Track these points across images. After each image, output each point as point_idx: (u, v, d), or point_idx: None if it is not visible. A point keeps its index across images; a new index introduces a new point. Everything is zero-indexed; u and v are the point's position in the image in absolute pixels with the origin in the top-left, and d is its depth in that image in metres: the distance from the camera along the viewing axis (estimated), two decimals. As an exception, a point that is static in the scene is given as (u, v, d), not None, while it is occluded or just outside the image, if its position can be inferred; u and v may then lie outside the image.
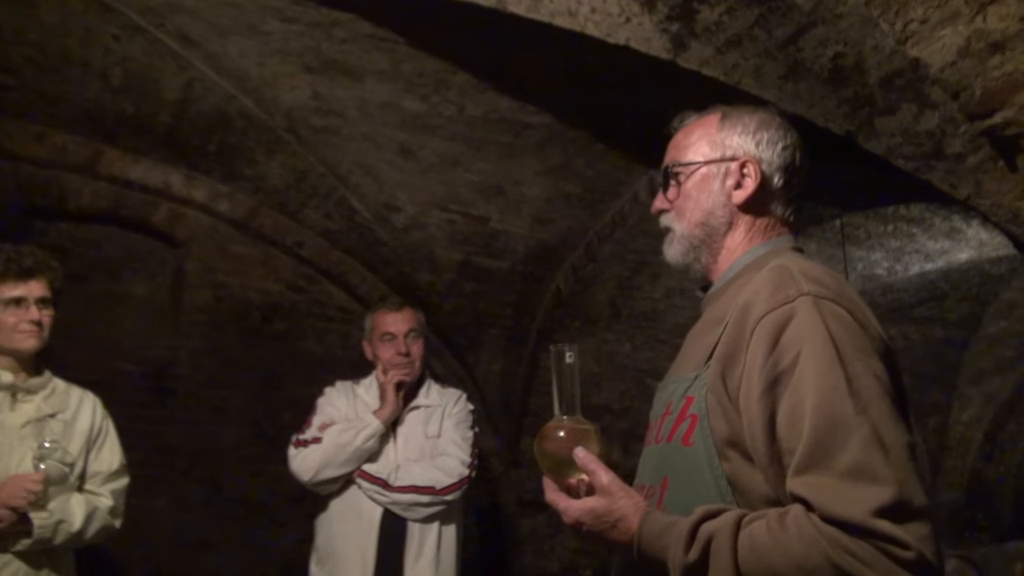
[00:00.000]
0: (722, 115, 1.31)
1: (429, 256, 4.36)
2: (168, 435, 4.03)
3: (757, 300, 1.09)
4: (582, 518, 1.12)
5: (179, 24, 2.92)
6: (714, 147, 1.28)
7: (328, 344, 4.57)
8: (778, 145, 1.27)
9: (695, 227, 1.28)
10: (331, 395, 2.79)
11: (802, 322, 1.03)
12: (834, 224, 4.44)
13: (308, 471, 2.57)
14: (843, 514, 0.92)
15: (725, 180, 1.26)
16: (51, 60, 3.20)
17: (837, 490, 0.94)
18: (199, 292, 4.23)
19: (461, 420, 2.77)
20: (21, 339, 2.05)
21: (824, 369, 0.99)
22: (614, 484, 1.12)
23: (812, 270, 1.11)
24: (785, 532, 0.95)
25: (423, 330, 2.83)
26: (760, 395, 1.03)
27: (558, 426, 1.20)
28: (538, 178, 3.90)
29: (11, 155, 3.75)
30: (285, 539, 4.20)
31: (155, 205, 4.11)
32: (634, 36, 2.26)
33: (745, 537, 0.98)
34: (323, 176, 3.91)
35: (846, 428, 0.96)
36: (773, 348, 1.03)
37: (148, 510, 3.90)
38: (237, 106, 3.43)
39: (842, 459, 0.95)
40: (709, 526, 1.01)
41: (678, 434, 1.15)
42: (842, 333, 1.02)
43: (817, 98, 2.21)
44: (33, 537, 1.96)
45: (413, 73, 3.10)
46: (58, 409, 2.14)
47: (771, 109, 1.34)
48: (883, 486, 0.93)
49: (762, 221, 1.27)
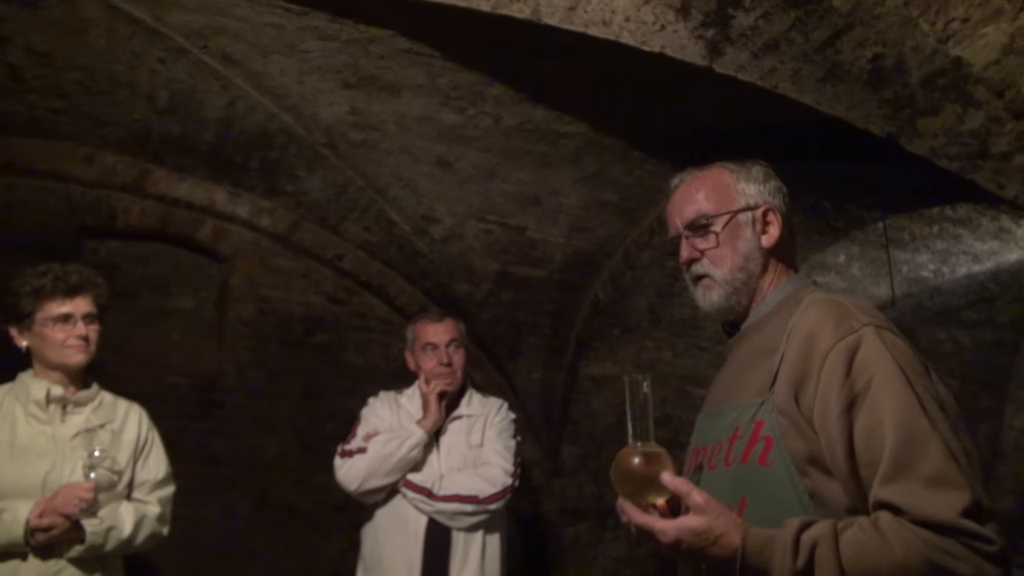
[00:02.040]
0: (732, 169, 1.44)
1: (467, 266, 4.39)
2: (215, 446, 4.11)
3: (823, 332, 1.21)
4: (682, 536, 1.18)
5: (222, 45, 2.99)
6: (737, 197, 1.41)
7: (369, 355, 4.62)
8: (783, 192, 1.43)
9: (736, 271, 1.39)
10: (375, 405, 2.82)
11: (870, 349, 1.17)
12: (877, 227, 4.36)
13: (354, 481, 2.60)
14: (934, 516, 1.05)
15: (755, 227, 1.39)
16: (100, 84, 3.31)
17: (924, 495, 1.06)
18: (243, 306, 4.32)
19: (503, 429, 2.77)
20: (70, 354, 2.11)
21: (898, 390, 1.13)
22: (710, 503, 1.18)
23: (859, 304, 1.27)
24: (883, 536, 1.07)
25: (464, 340, 2.85)
26: (839, 415, 1.15)
27: (634, 452, 1.28)
28: (574, 187, 3.91)
29: (63, 176, 3.88)
30: (330, 548, 4.25)
31: (200, 222, 4.21)
32: (669, 44, 2.26)
33: (846, 542, 1.08)
34: (362, 190, 3.97)
35: (925, 441, 1.09)
36: (848, 373, 1.16)
37: (196, 520, 3.98)
38: (278, 123, 3.50)
39: (925, 468, 1.08)
40: (810, 534, 1.11)
41: (753, 455, 1.24)
42: (903, 358, 1.18)
43: (857, 100, 2.18)
44: (85, 544, 2.01)
45: (449, 86, 3.14)
46: (106, 420, 2.20)
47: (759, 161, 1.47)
48: (963, 491, 1.06)
49: (783, 262, 1.42)
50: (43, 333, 2.10)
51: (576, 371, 4.87)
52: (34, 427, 2.08)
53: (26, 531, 1.93)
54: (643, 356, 5.04)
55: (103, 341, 2.24)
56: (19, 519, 1.93)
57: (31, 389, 2.11)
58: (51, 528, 1.95)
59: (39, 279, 2.11)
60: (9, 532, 1.92)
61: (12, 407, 2.10)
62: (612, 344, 4.88)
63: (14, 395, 2.12)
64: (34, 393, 2.10)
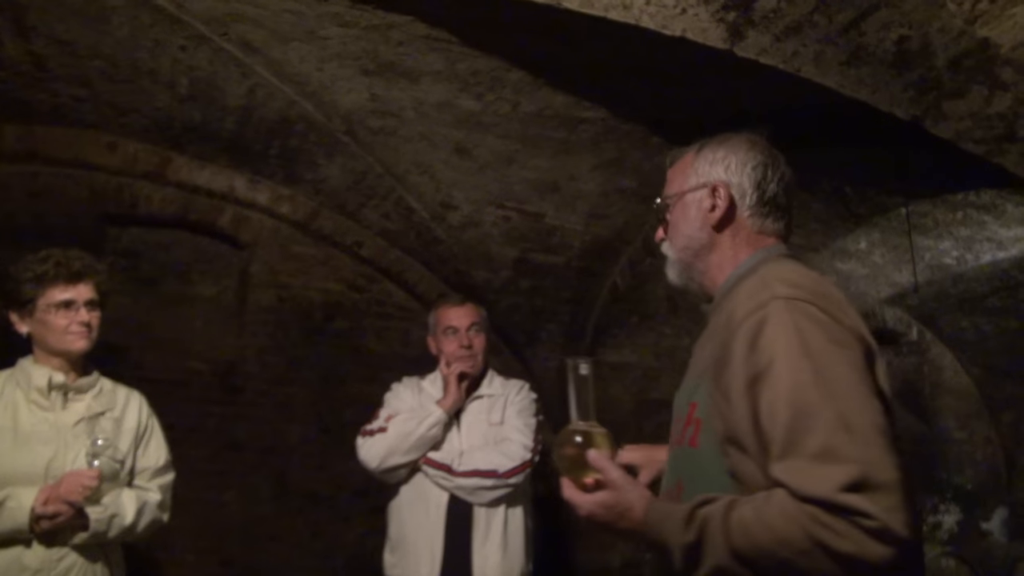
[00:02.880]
0: (698, 147, 1.45)
1: (485, 253, 4.40)
2: (237, 431, 4.16)
3: (738, 308, 1.21)
4: (594, 510, 1.27)
5: (242, 32, 3.01)
6: (691, 177, 1.42)
7: (388, 341, 4.65)
8: (747, 166, 1.39)
9: (681, 251, 1.42)
10: (398, 389, 2.86)
11: (775, 323, 1.14)
12: (900, 212, 4.31)
13: (375, 459, 2.64)
14: (813, 492, 1.03)
15: (700, 204, 1.39)
16: (122, 72, 3.33)
17: (808, 471, 1.05)
18: (264, 292, 4.35)
19: (524, 408, 2.81)
20: (72, 340, 2.10)
21: (794, 364, 1.11)
22: (622, 479, 1.26)
23: (789, 274, 1.23)
24: (769, 511, 1.06)
25: (485, 324, 2.88)
26: (744, 392, 1.15)
27: (574, 431, 1.33)
28: (593, 173, 3.90)
29: (85, 164, 3.92)
30: (351, 532, 4.30)
31: (221, 209, 4.25)
32: (690, 27, 2.24)
33: (735, 518, 1.09)
34: (381, 176, 3.98)
35: (813, 415, 1.07)
36: (752, 349, 1.15)
37: (219, 504, 4.04)
38: (298, 110, 3.52)
39: (811, 443, 1.06)
40: (704, 510, 1.13)
41: (687, 437, 1.28)
42: (812, 328, 1.13)
43: (881, 83, 2.15)
44: (89, 531, 2.01)
45: (468, 72, 3.13)
46: (107, 407, 2.19)
47: (745, 134, 1.44)
48: (848, 464, 1.03)
49: (743, 236, 1.38)
50: (45, 319, 2.09)
51: (595, 358, 4.87)
52: (36, 414, 2.08)
53: (31, 518, 1.93)
54: (662, 343, 5.03)
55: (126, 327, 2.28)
56: (23, 506, 1.93)
57: (32, 376, 2.10)
58: (56, 516, 1.95)
59: (41, 265, 2.10)
60: (14, 519, 1.93)
61: (13, 393, 2.09)
62: (630, 331, 4.87)
63: (15, 381, 2.11)
64: (36, 380, 2.09)
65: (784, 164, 1.42)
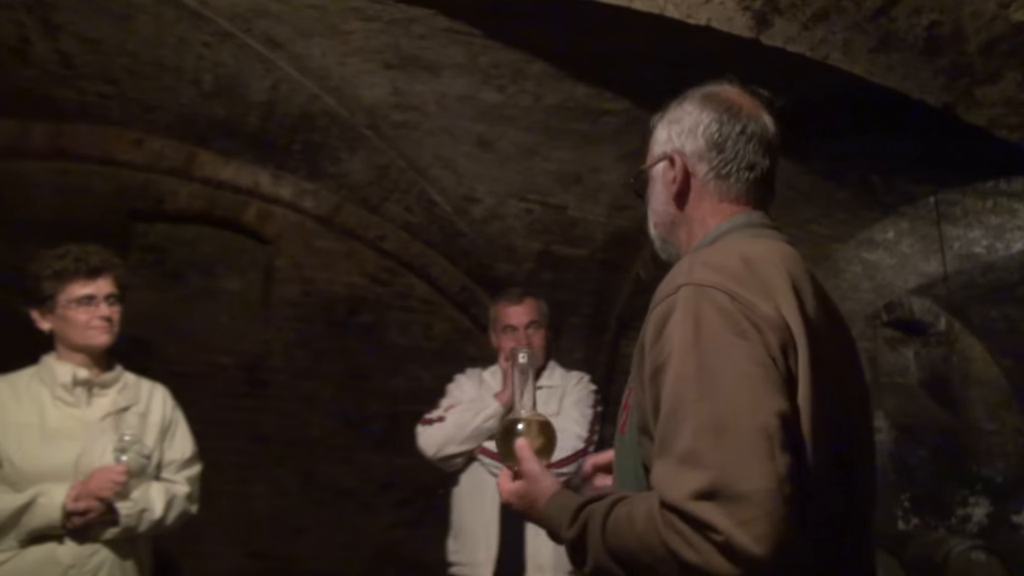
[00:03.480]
0: (660, 114, 1.33)
1: (508, 246, 4.39)
2: (263, 424, 4.20)
3: (658, 292, 1.12)
4: (510, 498, 1.28)
5: (265, 28, 3.02)
6: (653, 149, 1.33)
7: (412, 335, 4.66)
8: (698, 128, 1.25)
9: (655, 227, 1.35)
10: (460, 381, 2.93)
11: (680, 311, 1.05)
12: (928, 201, 4.24)
13: (431, 447, 2.70)
14: (667, 498, 0.96)
15: (665, 178, 1.29)
16: (147, 69, 3.36)
17: (670, 474, 0.97)
18: (288, 287, 4.39)
19: (582, 399, 2.84)
20: (93, 335, 2.10)
21: (680, 358, 1.02)
22: (536, 470, 1.25)
23: (717, 254, 1.11)
24: (638, 513, 1.01)
25: (544, 320, 2.90)
26: (648, 382, 1.08)
27: (515, 420, 1.34)
28: (616, 164, 3.87)
29: (112, 161, 3.97)
30: (376, 525, 4.33)
31: (245, 204, 4.28)
32: (715, 16, 2.21)
33: (612, 517, 1.05)
34: (403, 170, 3.98)
35: (684, 414, 0.99)
36: (658, 338, 1.07)
37: (246, 496, 4.09)
38: (320, 105, 3.53)
39: (678, 445, 0.98)
40: (590, 508, 1.10)
41: (619, 423, 1.24)
42: (712, 318, 1.02)
43: (911, 70, 2.12)
44: (120, 526, 2.03)
45: (490, 65, 3.13)
46: (131, 402, 2.20)
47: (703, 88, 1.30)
48: (703, 471, 0.94)
49: (707, 206, 1.25)
50: (66, 315, 2.09)
51: (617, 350, 4.85)
52: (62, 410, 2.09)
53: (63, 515, 1.95)
54: (685, 335, 5.00)
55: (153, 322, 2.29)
56: (55, 503, 1.95)
57: (57, 372, 2.10)
58: (87, 512, 1.96)
59: (59, 261, 2.10)
60: (46, 516, 1.95)
61: (38, 391, 2.10)
62: (654, 323, 4.85)
63: (39, 378, 2.12)
64: (60, 376, 2.09)
65: (752, 114, 1.25)
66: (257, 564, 4.06)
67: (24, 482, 1.99)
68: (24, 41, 3.10)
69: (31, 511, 1.94)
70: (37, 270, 2.11)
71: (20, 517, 1.94)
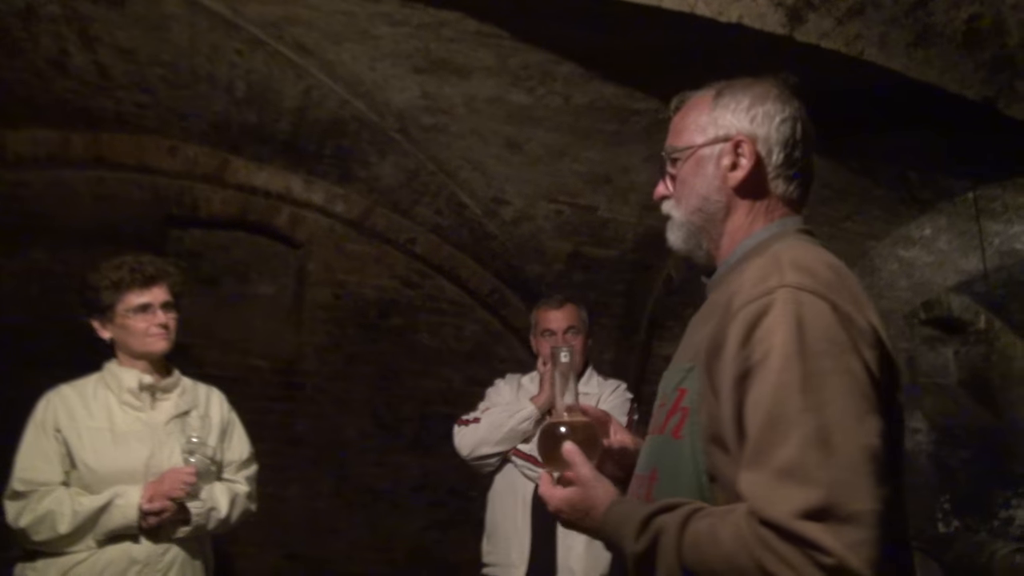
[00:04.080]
0: (716, 92, 1.24)
1: (538, 248, 4.39)
2: (297, 427, 4.24)
3: (741, 291, 1.06)
4: (560, 507, 1.18)
5: (296, 35, 3.05)
6: (707, 128, 1.22)
7: (442, 337, 4.68)
8: (775, 119, 1.19)
9: (692, 214, 1.23)
10: (499, 385, 2.97)
11: (775, 314, 1.00)
12: (967, 197, 4.16)
13: (466, 447, 2.75)
14: (769, 515, 0.90)
15: (720, 162, 1.20)
16: (182, 78, 3.42)
17: (769, 489, 0.92)
18: (320, 290, 4.42)
19: (616, 405, 2.84)
20: (152, 342, 2.18)
21: (783, 364, 0.96)
22: (589, 476, 1.16)
23: (805, 258, 1.06)
24: (724, 528, 0.95)
25: (584, 325, 2.93)
26: (732, 388, 1.01)
27: (557, 423, 1.25)
28: (646, 164, 3.85)
29: (148, 169, 4.04)
30: (409, 526, 4.35)
31: (277, 209, 4.33)
32: (747, 13, 2.19)
33: (690, 531, 0.98)
34: (433, 174, 4.00)
35: (788, 425, 0.93)
36: (746, 341, 1.01)
37: (281, 499, 4.13)
38: (351, 110, 3.56)
39: (778, 457, 0.93)
40: (661, 519, 1.02)
41: (670, 426, 1.14)
42: (816, 327, 0.98)
43: (950, 64, 2.08)
44: (191, 524, 2.12)
45: (519, 66, 3.13)
46: (192, 405, 2.29)
47: (770, 80, 1.24)
48: (812, 488, 0.90)
49: (763, 203, 1.20)
50: (125, 324, 2.17)
51: (649, 351, 4.82)
52: (129, 414, 2.18)
53: (139, 515, 2.04)
54: (718, 335, 4.95)
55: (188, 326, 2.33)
56: (132, 504, 2.04)
57: (122, 378, 2.19)
58: (161, 511, 2.05)
59: (116, 272, 2.18)
60: (124, 516, 2.04)
61: (105, 396, 2.18)
62: (686, 323, 4.80)
63: (104, 384, 2.20)
64: (126, 381, 2.18)
65: (808, 118, 1.22)
66: (293, 565, 4.11)
67: (98, 484, 2.07)
68: (63, 53, 3.17)
69: (109, 512, 2.03)
70: (95, 281, 2.18)
71: (99, 518, 2.03)
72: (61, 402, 2.15)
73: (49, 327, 3.49)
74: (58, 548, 2.04)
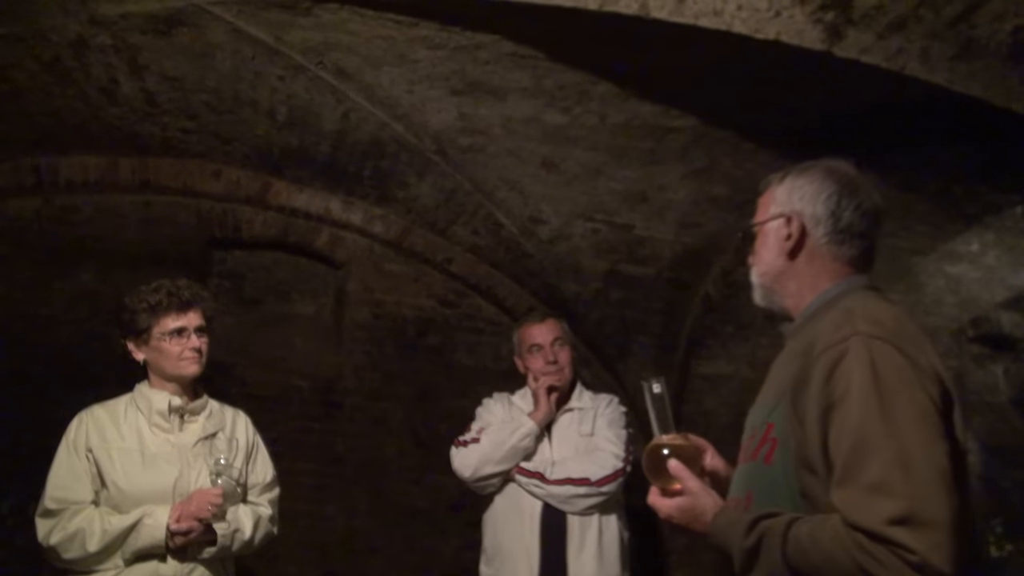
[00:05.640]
0: (781, 177, 1.51)
1: (575, 266, 4.39)
2: (336, 446, 4.27)
3: (820, 338, 1.28)
4: (672, 513, 1.43)
5: (336, 60, 3.11)
6: (771, 207, 1.50)
7: (479, 356, 4.69)
8: (820, 196, 1.44)
9: (763, 276, 1.51)
10: (489, 404, 2.93)
11: (852, 357, 1.21)
12: (1015, 211, 4.05)
13: (468, 468, 2.71)
14: (862, 523, 1.11)
15: (778, 234, 1.47)
16: (225, 103, 3.50)
17: (860, 502, 1.13)
18: (359, 310, 4.47)
19: (614, 419, 2.82)
20: (185, 366, 2.23)
21: (864, 398, 1.18)
22: (698, 487, 1.41)
23: (874, 311, 1.29)
24: (823, 532, 1.15)
25: (568, 337, 2.92)
26: (817, 419, 1.23)
27: (660, 445, 1.47)
28: (683, 182, 3.83)
29: (193, 192, 4.14)
30: (447, 546, 4.34)
31: (318, 231, 4.40)
32: (785, 30, 2.18)
33: (793, 533, 1.19)
34: (470, 194, 4.03)
35: (873, 449, 1.15)
36: (828, 380, 1.22)
37: (321, 517, 4.16)
38: (389, 132, 3.61)
39: (867, 475, 1.14)
40: (766, 523, 1.24)
41: (761, 454, 1.35)
42: (887, 367, 1.20)
43: (996, 77, 2.04)
44: (216, 545, 2.14)
45: (555, 87, 3.14)
46: (218, 427, 2.32)
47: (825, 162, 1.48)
48: (898, 500, 1.10)
49: (820, 263, 1.44)
50: (160, 346, 2.22)
51: (688, 370, 4.77)
52: (159, 436, 2.21)
53: (167, 535, 2.07)
54: (758, 354, 4.88)
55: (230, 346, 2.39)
56: (160, 523, 2.07)
57: (153, 400, 2.23)
58: (189, 532, 2.08)
59: (154, 295, 2.23)
60: (152, 536, 2.07)
61: (135, 417, 2.23)
62: (725, 342, 4.75)
63: (135, 406, 2.25)
64: (157, 404, 2.22)
65: (867, 191, 1.45)
66: (332, 584, 4.12)
67: (127, 503, 2.11)
68: (113, 82, 3.27)
69: (138, 531, 2.06)
70: (133, 304, 2.24)
71: (128, 536, 2.07)
72: (93, 423, 2.19)
73: (97, 348, 3.58)
74: (87, 566, 2.08)
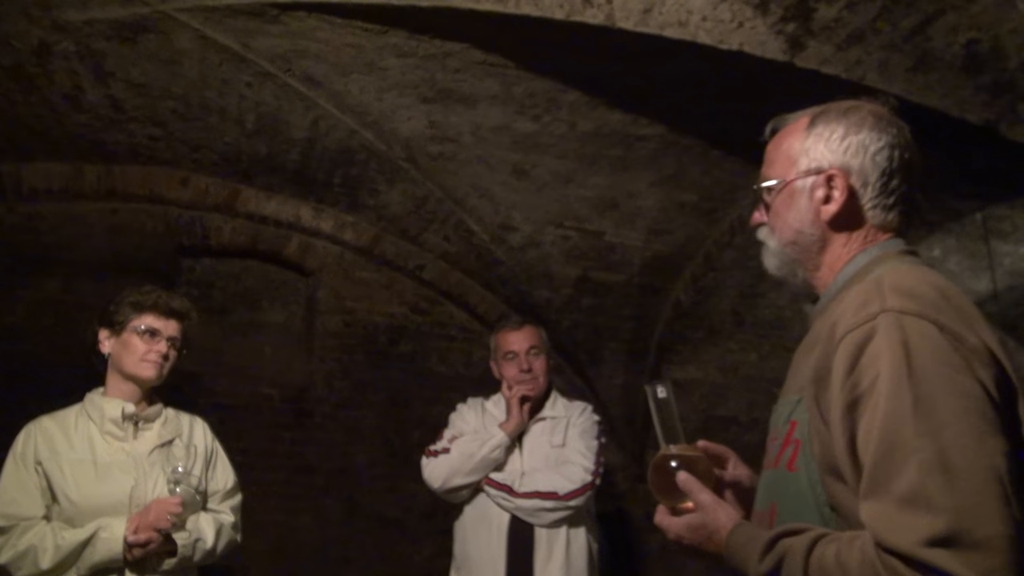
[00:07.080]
0: (811, 119, 1.22)
1: (546, 273, 4.41)
2: (307, 455, 4.24)
3: (843, 319, 1.05)
4: (682, 532, 1.20)
5: (305, 67, 3.10)
6: (800, 159, 1.21)
7: (451, 363, 4.69)
8: (870, 148, 1.16)
9: (786, 246, 1.23)
10: (462, 410, 2.91)
11: (880, 340, 0.98)
12: (975, 218, 4.15)
13: (438, 479, 2.69)
14: (895, 544, 0.89)
15: (813, 195, 1.19)
16: (192, 110, 3.48)
17: (891, 517, 0.91)
18: (330, 318, 4.45)
19: (586, 430, 2.80)
20: (145, 367, 2.17)
21: (894, 389, 0.95)
22: (710, 500, 1.19)
23: (906, 281, 1.04)
24: (850, 555, 0.94)
25: (545, 346, 2.89)
26: (840, 418, 1.00)
27: (668, 457, 1.27)
28: (652, 189, 3.87)
29: (161, 199, 4.09)
30: (419, 554, 4.32)
31: (287, 238, 4.37)
32: (748, 40, 2.22)
33: (816, 556, 0.98)
34: (441, 201, 4.03)
35: (905, 451, 0.92)
36: (852, 369, 1.00)
37: (292, 527, 4.12)
38: (359, 140, 3.60)
39: (898, 484, 0.91)
40: (786, 542, 1.03)
41: (783, 460, 1.14)
42: (923, 351, 0.96)
43: (950, 88, 2.09)
44: (177, 556, 2.08)
45: (524, 95, 3.17)
46: (175, 435, 2.26)
47: (868, 104, 1.21)
48: (936, 515, 0.88)
49: (860, 231, 1.19)
50: (129, 341, 2.17)
51: (659, 375, 4.81)
52: (112, 445, 2.15)
53: (124, 547, 2.00)
54: (727, 358, 4.94)
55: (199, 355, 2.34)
56: (117, 536, 2.00)
57: (105, 408, 2.17)
58: (147, 543, 2.01)
59: (144, 295, 2.21)
60: (109, 549, 2.00)
61: (87, 427, 2.16)
62: (695, 347, 4.80)
63: (86, 415, 2.18)
64: (109, 412, 2.16)
65: (911, 141, 1.18)
66: (303, 594, 4.08)
67: (81, 517, 2.04)
68: (77, 88, 3.23)
69: (93, 545, 1.99)
70: (120, 297, 2.22)
71: (83, 551, 1.99)
72: (41, 434, 2.12)
73: (61, 358, 3.52)
74: None
